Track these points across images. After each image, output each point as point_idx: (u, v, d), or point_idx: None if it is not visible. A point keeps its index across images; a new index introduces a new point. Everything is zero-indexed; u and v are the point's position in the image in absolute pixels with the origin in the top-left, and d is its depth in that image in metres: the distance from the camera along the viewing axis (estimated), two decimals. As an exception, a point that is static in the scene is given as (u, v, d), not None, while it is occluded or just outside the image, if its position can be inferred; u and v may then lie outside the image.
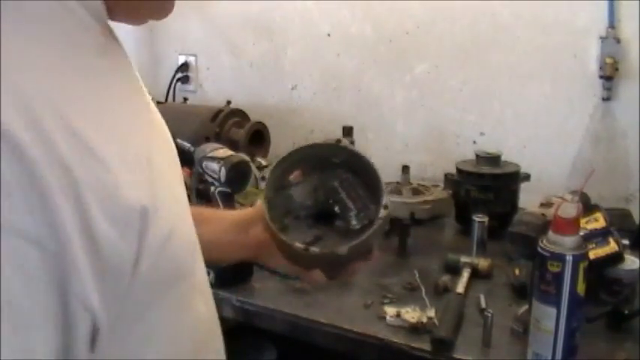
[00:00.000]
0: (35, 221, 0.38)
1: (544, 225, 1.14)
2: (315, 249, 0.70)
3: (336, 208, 0.76)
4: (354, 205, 0.75)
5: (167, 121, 0.60)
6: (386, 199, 0.72)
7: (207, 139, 1.70)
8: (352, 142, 1.73)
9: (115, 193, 0.42)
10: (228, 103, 1.92)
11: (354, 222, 0.75)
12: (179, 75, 2.18)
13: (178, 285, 0.52)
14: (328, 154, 0.76)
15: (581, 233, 0.91)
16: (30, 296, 0.38)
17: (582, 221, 1.02)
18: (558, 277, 0.87)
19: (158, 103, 1.88)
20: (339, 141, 0.75)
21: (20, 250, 0.37)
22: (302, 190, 0.77)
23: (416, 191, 1.39)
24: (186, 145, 1.37)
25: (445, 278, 1.20)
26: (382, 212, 0.71)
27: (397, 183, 1.43)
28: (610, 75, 1.51)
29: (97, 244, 0.41)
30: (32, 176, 0.38)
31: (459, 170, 1.49)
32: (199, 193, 1.32)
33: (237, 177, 1.23)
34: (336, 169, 0.77)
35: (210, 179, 1.26)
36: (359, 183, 0.76)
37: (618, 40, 1.50)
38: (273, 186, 0.73)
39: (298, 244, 0.70)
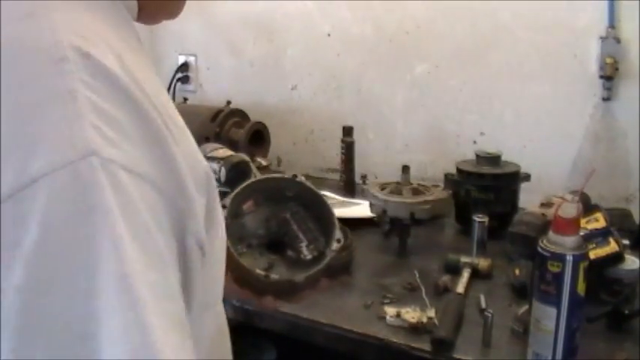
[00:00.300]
0: (159, 170, 0.42)
1: (544, 225, 1.14)
2: (275, 276, 0.74)
3: (287, 239, 0.80)
4: (305, 237, 0.79)
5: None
6: (339, 233, 0.77)
7: (207, 139, 1.71)
8: (352, 142, 1.74)
9: (195, 159, 0.47)
10: (228, 103, 1.92)
11: (305, 252, 0.79)
12: (179, 75, 2.18)
13: (221, 277, 0.56)
14: (283, 187, 0.81)
15: (582, 233, 0.91)
16: (162, 237, 0.41)
17: (582, 221, 1.02)
18: (558, 277, 0.87)
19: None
20: (295, 176, 0.81)
21: (149, 195, 0.41)
22: (255, 219, 0.81)
23: (416, 191, 1.39)
24: (186, 145, 1.37)
25: (445, 278, 1.20)
26: (335, 245, 0.76)
27: (397, 183, 1.43)
28: (610, 75, 1.51)
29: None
30: (152, 129, 0.42)
31: (459, 170, 1.49)
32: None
33: (237, 177, 1.23)
34: (288, 202, 0.81)
35: (210, 179, 1.26)
36: (310, 216, 0.81)
37: (618, 40, 1.50)
38: (229, 213, 0.77)
39: (259, 271, 0.73)
